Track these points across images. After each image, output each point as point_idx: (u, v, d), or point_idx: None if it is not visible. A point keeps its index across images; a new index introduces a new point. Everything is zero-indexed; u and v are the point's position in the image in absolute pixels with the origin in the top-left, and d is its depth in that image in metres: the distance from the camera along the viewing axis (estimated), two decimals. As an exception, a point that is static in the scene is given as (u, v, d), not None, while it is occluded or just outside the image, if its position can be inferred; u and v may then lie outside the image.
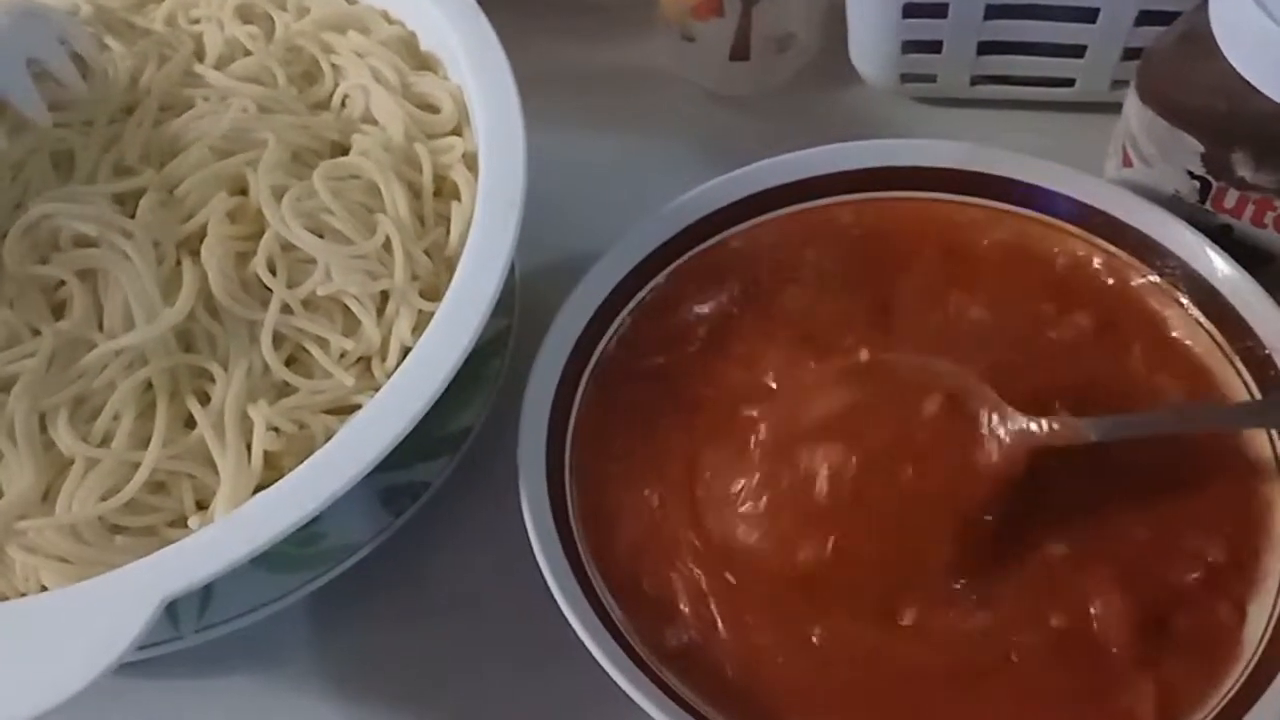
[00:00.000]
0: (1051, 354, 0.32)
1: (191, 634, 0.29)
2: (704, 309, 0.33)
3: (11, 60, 0.30)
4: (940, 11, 0.38)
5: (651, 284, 0.33)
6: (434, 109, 0.33)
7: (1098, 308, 0.32)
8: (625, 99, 0.43)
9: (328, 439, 0.28)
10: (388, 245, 0.30)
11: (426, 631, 0.31)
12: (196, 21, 0.34)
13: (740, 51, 0.41)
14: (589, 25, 0.44)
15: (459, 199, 0.31)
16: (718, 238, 0.34)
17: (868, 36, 0.40)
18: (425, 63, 0.35)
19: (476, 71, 0.32)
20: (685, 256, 0.33)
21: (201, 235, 0.30)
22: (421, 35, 0.35)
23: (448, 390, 0.27)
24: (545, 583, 0.27)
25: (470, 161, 0.32)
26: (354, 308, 0.29)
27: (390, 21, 0.35)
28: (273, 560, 0.29)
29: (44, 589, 0.26)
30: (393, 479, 0.31)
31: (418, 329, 0.29)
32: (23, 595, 0.26)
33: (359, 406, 0.29)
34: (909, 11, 0.38)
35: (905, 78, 0.41)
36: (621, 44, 0.44)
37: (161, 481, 0.27)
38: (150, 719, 0.31)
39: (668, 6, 0.41)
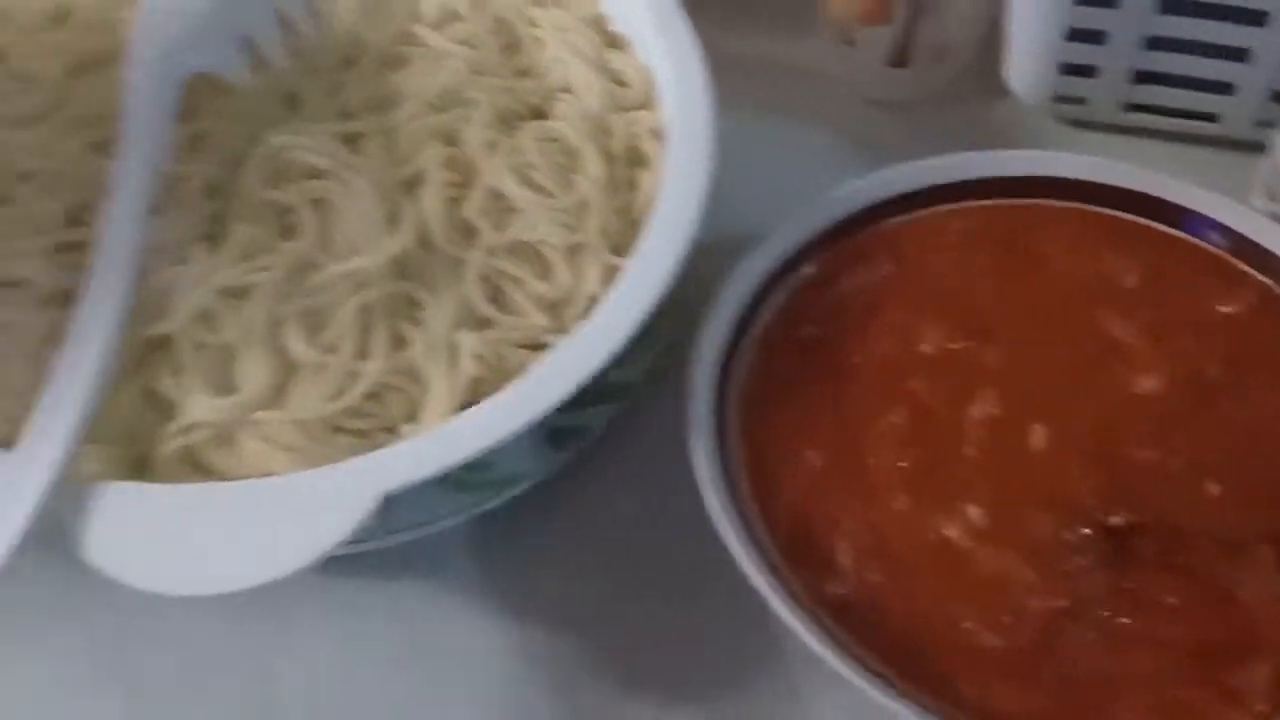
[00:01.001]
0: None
1: (376, 538, 0.32)
2: (857, 284, 0.35)
3: (260, 6, 0.33)
4: (1099, 38, 0.40)
5: (809, 262, 0.36)
6: (624, 84, 0.36)
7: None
8: (784, 93, 0.45)
9: (521, 371, 0.31)
10: (583, 203, 0.33)
11: (584, 563, 0.34)
12: (410, -13, 0.38)
13: (899, 59, 0.44)
14: (754, 21, 0.47)
15: (647, 167, 0.34)
16: (874, 226, 0.36)
17: (1025, 55, 0.42)
18: (614, 41, 0.38)
19: (668, 51, 0.35)
20: (843, 240, 0.36)
21: (417, 179, 0.33)
22: (612, 16, 0.38)
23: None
24: (702, 524, 0.30)
25: (657, 134, 0.35)
26: (549, 255, 0.32)
27: (588, 3, 0.38)
28: (451, 479, 0.32)
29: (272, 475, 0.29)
30: (561, 420, 0.34)
31: (605, 281, 0.32)
32: (248, 478, 0.29)
33: (548, 345, 0.32)
34: (1071, 35, 0.40)
35: (1057, 98, 0.43)
36: (783, 41, 0.47)
37: (377, 393, 0.30)
38: (332, 610, 0.34)
39: (833, 11, 0.43)
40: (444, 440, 0.28)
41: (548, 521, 0.35)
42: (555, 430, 0.35)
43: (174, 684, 0.34)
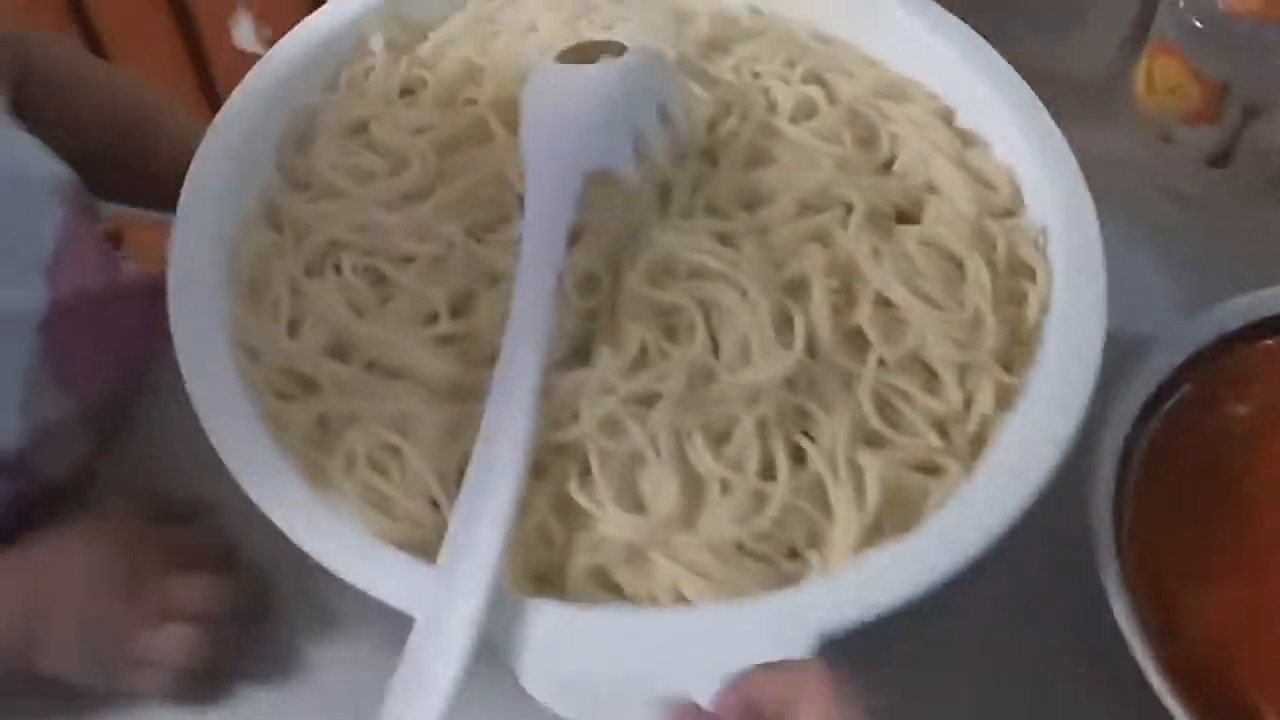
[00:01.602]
0: None
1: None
2: (1241, 409, 0.34)
3: (647, 101, 0.33)
4: None
5: (1188, 381, 0.35)
6: (991, 186, 0.35)
7: None
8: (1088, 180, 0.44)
9: (921, 495, 0.30)
10: (978, 317, 0.32)
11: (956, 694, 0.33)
12: (758, 75, 0.37)
13: (1221, 159, 0.43)
14: (1060, 107, 0.46)
15: (1031, 278, 0.33)
16: (1249, 346, 0.35)
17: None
18: (966, 138, 0.37)
19: (1034, 150, 0.35)
20: (1220, 359, 0.35)
21: (799, 283, 0.33)
22: (960, 109, 0.37)
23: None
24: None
25: (1036, 242, 0.34)
26: (941, 371, 0.32)
27: (930, 95, 0.38)
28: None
29: (681, 597, 0.29)
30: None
31: (999, 400, 0.31)
32: (656, 598, 0.29)
33: (940, 468, 0.31)
34: None
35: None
36: (1089, 127, 0.46)
37: (776, 515, 0.29)
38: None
39: (1152, 107, 0.42)
40: (880, 580, 0.28)
41: (918, 651, 0.33)
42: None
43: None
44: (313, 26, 0.38)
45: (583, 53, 0.35)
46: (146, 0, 0.80)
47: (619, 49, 0.34)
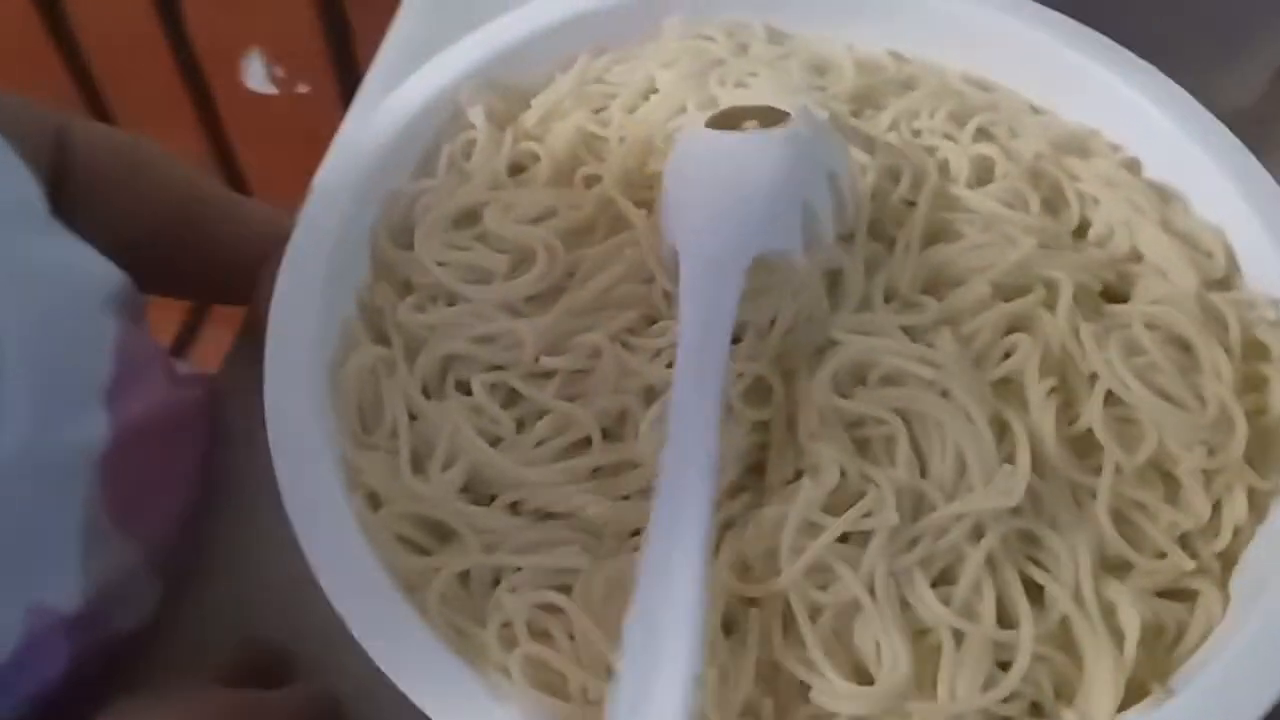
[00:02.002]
0: None
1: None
2: None
3: (817, 172, 0.28)
4: None
5: None
6: (1202, 250, 0.31)
7: None
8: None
9: (1179, 629, 0.26)
10: (1225, 416, 0.27)
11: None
12: (918, 133, 0.33)
13: None
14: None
15: (1271, 361, 0.29)
16: None
17: None
18: (1159, 193, 0.32)
19: (1253, 205, 0.30)
20: None
21: (1008, 383, 0.28)
22: (1148, 161, 0.33)
23: None
24: None
25: (1270, 318, 0.29)
26: (1183, 477, 0.27)
27: (1112, 145, 0.33)
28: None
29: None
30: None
31: (1252, 508, 0.27)
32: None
33: (1194, 593, 0.26)
34: None
35: None
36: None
37: (1025, 672, 0.25)
38: None
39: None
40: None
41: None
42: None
43: None
44: (402, 98, 0.33)
45: (728, 120, 0.30)
46: (144, 35, 0.75)
47: (773, 115, 0.30)
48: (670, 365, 0.27)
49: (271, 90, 0.77)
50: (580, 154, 0.32)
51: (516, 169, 0.33)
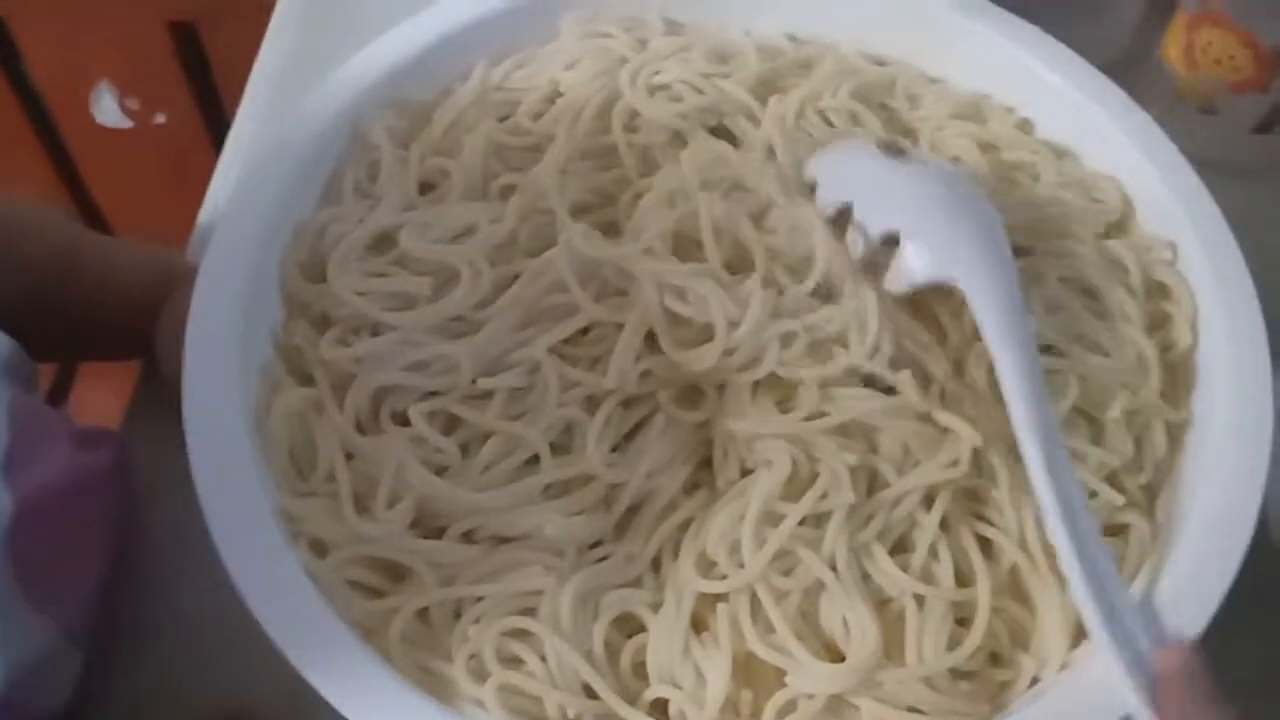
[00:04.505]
0: None
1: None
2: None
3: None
4: None
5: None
6: (1097, 200, 0.33)
7: None
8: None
9: (1117, 563, 0.27)
10: (1141, 359, 0.30)
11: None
12: (824, 114, 0.33)
13: (1267, 124, 0.42)
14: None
15: (1172, 299, 0.31)
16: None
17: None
18: (1053, 150, 0.34)
19: (1142, 153, 0.32)
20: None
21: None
22: (1040, 120, 0.35)
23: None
24: None
25: (1166, 258, 0.32)
26: (1106, 421, 0.29)
27: (1006, 108, 0.35)
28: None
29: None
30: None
31: (1170, 440, 0.29)
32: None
33: (1126, 526, 0.28)
34: None
35: None
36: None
37: (985, 626, 0.26)
38: None
39: (1194, 82, 0.41)
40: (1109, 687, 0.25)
41: None
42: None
43: None
44: (296, 125, 0.32)
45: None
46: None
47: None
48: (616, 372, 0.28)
49: (125, 123, 0.73)
50: (492, 165, 0.32)
51: (427, 187, 0.32)
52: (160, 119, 0.73)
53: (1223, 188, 0.44)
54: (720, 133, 0.33)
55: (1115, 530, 0.28)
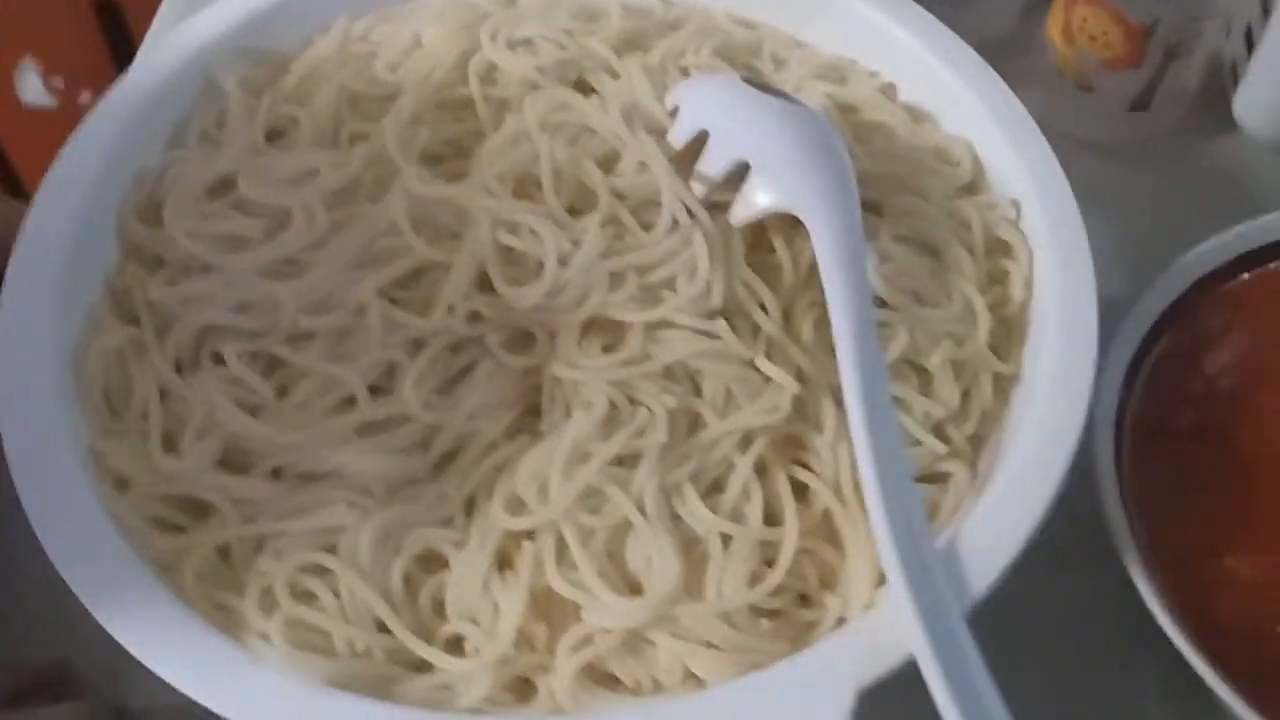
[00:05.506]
0: None
1: None
2: (1222, 360, 0.33)
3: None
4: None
5: (1164, 338, 0.34)
6: (950, 161, 0.33)
7: None
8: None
9: (931, 511, 0.27)
10: (969, 310, 0.30)
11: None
12: (685, 71, 0.34)
13: (1143, 103, 0.42)
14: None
15: (1013, 257, 0.32)
16: (1213, 293, 0.35)
17: (1275, 92, 0.41)
18: (913, 114, 0.35)
19: (995, 119, 0.33)
20: (1190, 311, 0.34)
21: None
22: (902, 85, 0.35)
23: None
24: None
25: (1010, 218, 0.32)
26: (935, 371, 0.29)
27: (870, 73, 0.36)
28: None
29: (691, 676, 0.25)
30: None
31: (997, 392, 0.29)
32: (660, 684, 0.25)
33: (947, 475, 0.28)
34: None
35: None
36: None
37: (789, 564, 0.26)
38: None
39: (1071, 59, 0.42)
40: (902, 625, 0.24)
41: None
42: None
43: None
44: (147, 69, 0.32)
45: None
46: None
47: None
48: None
49: (50, 102, 0.73)
50: (344, 114, 0.32)
51: (275, 134, 0.33)
52: (85, 98, 0.73)
53: (1101, 165, 0.46)
54: (582, 89, 0.33)
55: (937, 478, 0.28)
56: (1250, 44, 0.43)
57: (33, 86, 0.72)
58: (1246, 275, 0.35)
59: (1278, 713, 0.28)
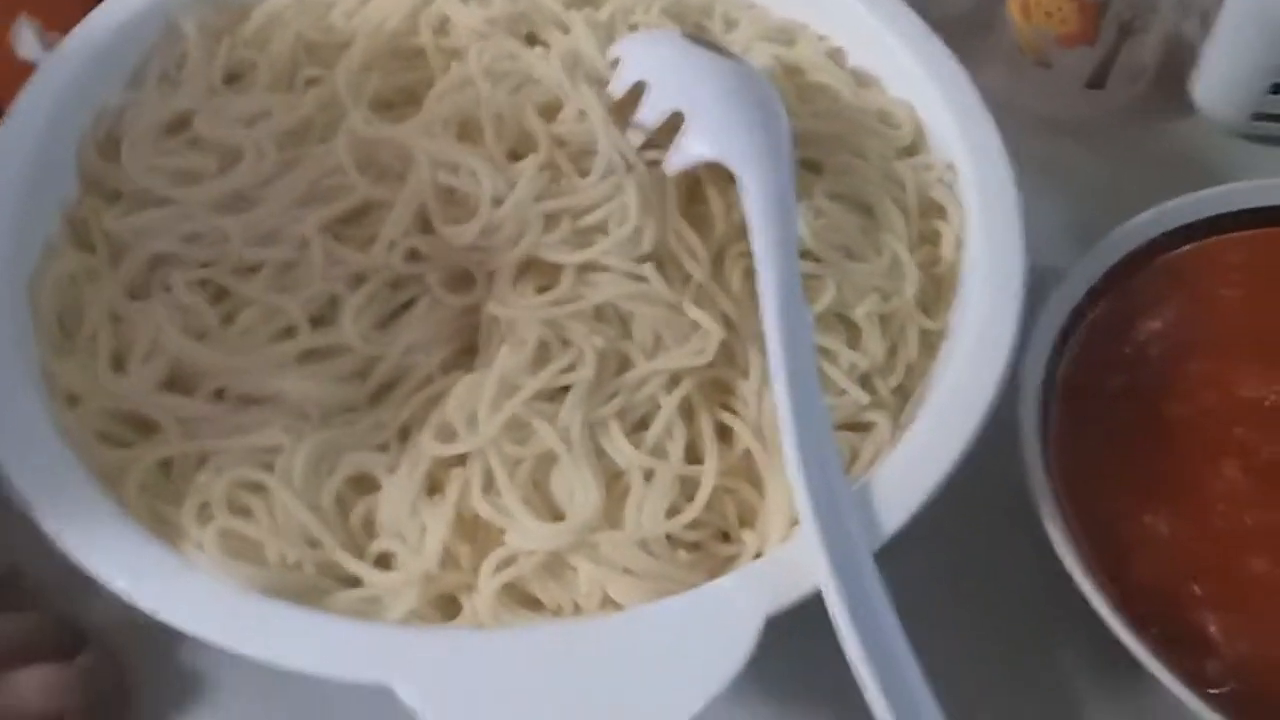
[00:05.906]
0: None
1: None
2: (1154, 327, 0.35)
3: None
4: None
5: (1098, 305, 0.35)
6: (891, 124, 0.35)
7: None
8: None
9: (851, 457, 0.29)
10: (896, 265, 0.31)
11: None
12: (635, 28, 0.35)
13: (1099, 80, 0.43)
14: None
15: (944, 218, 0.33)
16: (1152, 263, 0.36)
17: (1231, 75, 0.42)
18: (858, 78, 0.36)
19: (936, 84, 0.34)
20: (1126, 279, 0.35)
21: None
22: (850, 50, 0.36)
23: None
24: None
25: (945, 180, 0.33)
26: (862, 324, 0.30)
27: (818, 36, 0.37)
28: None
29: (609, 600, 0.27)
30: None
31: (922, 346, 0.31)
32: (580, 607, 0.27)
33: (868, 424, 0.29)
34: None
35: (1258, 116, 0.43)
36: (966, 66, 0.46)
37: (707, 499, 0.27)
38: None
39: (1028, 34, 0.42)
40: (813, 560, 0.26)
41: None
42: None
43: None
44: (109, 12, 0.33)
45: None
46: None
47: None
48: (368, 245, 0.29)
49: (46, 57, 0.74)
50: (300, 59, 0.33)
51: (233, 78, 0.34)
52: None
53: (1057, 142, 0.47)
54: (533, 44, 0.34)
55: (861, 427, 0.29)
56: (1206, 26, 0.44)
57: (29, 42, 0.72)
58: (1186, 248, 0.37)
59: (1192, 671, 0.29)
